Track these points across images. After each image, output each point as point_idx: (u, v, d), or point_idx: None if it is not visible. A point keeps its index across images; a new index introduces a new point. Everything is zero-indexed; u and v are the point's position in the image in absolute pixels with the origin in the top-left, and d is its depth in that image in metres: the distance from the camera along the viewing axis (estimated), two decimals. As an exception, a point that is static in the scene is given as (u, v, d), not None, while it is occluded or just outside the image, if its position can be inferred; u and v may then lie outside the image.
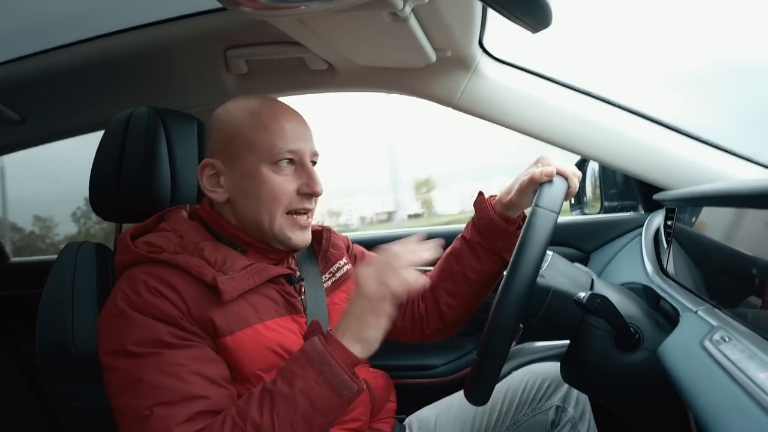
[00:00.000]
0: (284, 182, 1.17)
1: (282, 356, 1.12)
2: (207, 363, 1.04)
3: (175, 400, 0.97)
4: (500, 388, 1.39)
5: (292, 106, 1.25)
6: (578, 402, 1.32)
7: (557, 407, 1.32)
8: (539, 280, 1.08)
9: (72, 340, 1.33)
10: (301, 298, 1.24)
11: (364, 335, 1.01)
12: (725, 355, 0.74)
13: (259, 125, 1.17)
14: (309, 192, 1.19)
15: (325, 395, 0.97)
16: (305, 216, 1.22)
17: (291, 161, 1.18)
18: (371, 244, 1.56)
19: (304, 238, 1.22)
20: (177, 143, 1.43)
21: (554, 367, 1.33)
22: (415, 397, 1.56)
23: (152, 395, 0.97)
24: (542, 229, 1.05)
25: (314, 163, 1.24)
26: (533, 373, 1.40)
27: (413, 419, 1.47)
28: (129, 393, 0.99)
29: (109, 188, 1.41)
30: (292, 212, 1.19)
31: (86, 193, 1.43)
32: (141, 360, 1.00)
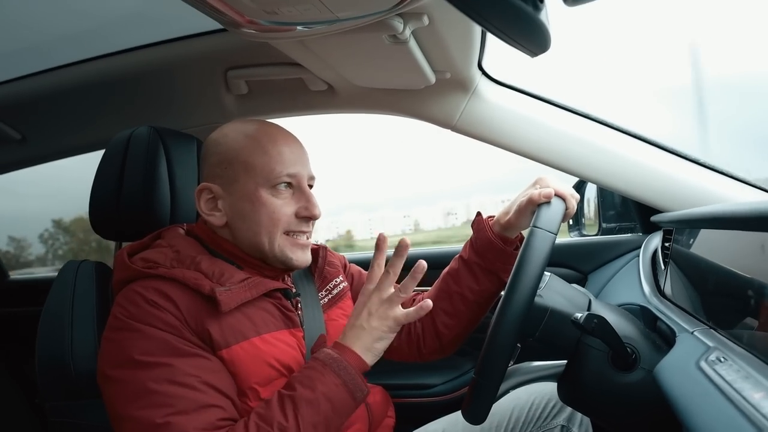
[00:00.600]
0: (282, 205, 1.19)
1: (278, 370, 1.12)
2: (214, 373, 1.05)
3: (191, 408, 0.98)
4: (507, 406, 1.40)
5: (289, 131, 1.26)
6: (582, 423, 1.32)
7: (562, 426, 1.32)
8: (537, 299, 1.09)
9: (71, 357, 1.33)
10: (298, 313, 1.24)
11: (373, 345, 1.10)
12: (721, 376, 0.74)
13: (257, 149, 1.18)
14: (307, 215, 1.21)
15: (343, 397, 1.04)
16: (304, 237, 1.23)
17: (289, 185, 1.19)
18: (367, 265, 1.56)
19: (304, 257, 1.24)
20: (177, 163, 1.44)
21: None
22: (413, 416, 1.55)
23: (167, 405, 0.97)
24: (540, 249, 1.05)
25: (311, 186, 1.25)
26: (539, 393, 1.40)
27: None
28: (138, 404, 0.98)
29: (109, 207, 1.41)
30: (290, 233, 1.20)
31: (54, 215, 1.43)
32: (149, 370, 1.00)
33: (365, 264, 1.57)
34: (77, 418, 1.36)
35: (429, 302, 1.09)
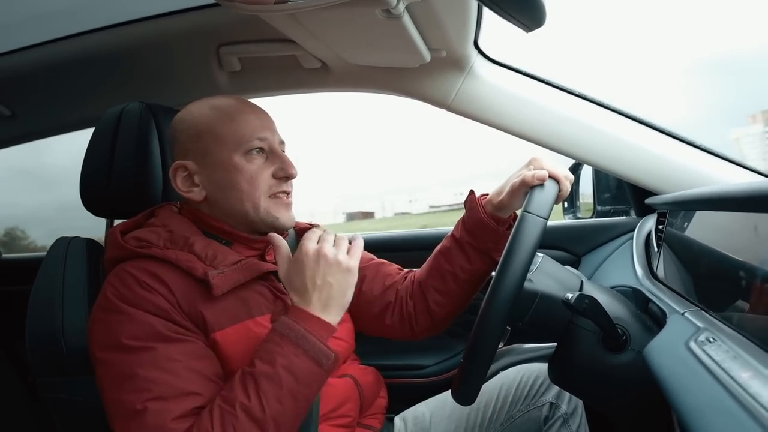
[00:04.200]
0: (259, 169, 1.19)
1: None
2: (201, 359, 1.05)
3: (170, 395, 0.97)
4: (494, 384, 1.40)
5: (253, 102, 1.28)
6: (571, 399, 1.33)
7: (551, 404, 1.33)
8: (527, 284, 1.07)
9: (62, 334, 1.32)
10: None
11: (339, 302, 1.07)
12: (709, 356, 0.74)
13: (224, 118, 1.19)
14: (284, 175, 1.21)
15: (306, 366, 0.99)
16: (286, 196, 1.24)
17: (261, 150, 1.20)
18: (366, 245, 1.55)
19: (290, 217, 1.24)
20: (169, 139, 1.42)
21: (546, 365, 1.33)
22: (405, 396, 1.56)
23: (146, 390, 0.97)
24: (530, 234, 1.04)
25: (282, 151, 1.26)
26: (527, 370, 1.40)
27: (408, 415, 1.47)
28: (123, 387, 0.98)
29: (99, 184, 1.40)
30: (272, 195, 1.21)
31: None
32: (135, 354, 1.00)
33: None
34: (69, 393, 1.35)
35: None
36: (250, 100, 1.28)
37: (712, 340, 0.79)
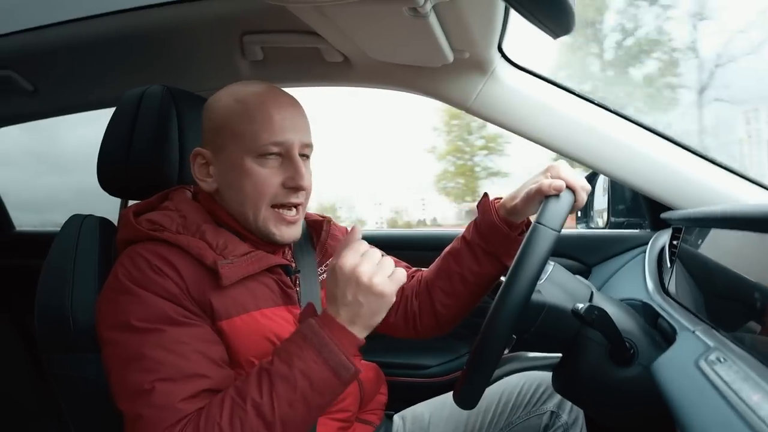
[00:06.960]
0: (269, 176, 1.15)
1: (276, 344, 1.12)
2: (208, 343, 1.05)
3: (177, 376, 0.98)
4: (496, 390, 1.40)
5: (289, 93, 1.23)
6: (572, 409, 1.32)
7: (552, 412, 1.32)
8: (535, 295, 1.06)
9: (71, 311, 1.32)
10: (297, 290, 1.23)
11: (367, 321, 1.00)
12: (719, 376, 0.73)
13: (244, 115, 1.15)
14: (293, 186, 1.16)
15: (324, 375, 0.96)
16: (293, 211, 1.19)
17: (278, 153, 1.16)
18: (375, 242, 1.55)
19: (289, 233, 1.20)
20: (188, 124, 1.43)
21: (550, 374, 1.33)
22: (405, 395, 1.56)
23: (154, 370, 0.98)
24: (541, 247, 1.02)
25: (307, 155, 1.22)
26: (529, 378, 1.40)
27: (407, 414, 1.47)
28: (130, 368, 0.99)
29: (117, 163, 1.40)
30: (277, 206, 1.17)
31: None
32: (144, 335, 1.00)
33: (371, 239, 1.56)
34: (75, 371, 1.36)
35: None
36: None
37: (722, 359, 0.78)
